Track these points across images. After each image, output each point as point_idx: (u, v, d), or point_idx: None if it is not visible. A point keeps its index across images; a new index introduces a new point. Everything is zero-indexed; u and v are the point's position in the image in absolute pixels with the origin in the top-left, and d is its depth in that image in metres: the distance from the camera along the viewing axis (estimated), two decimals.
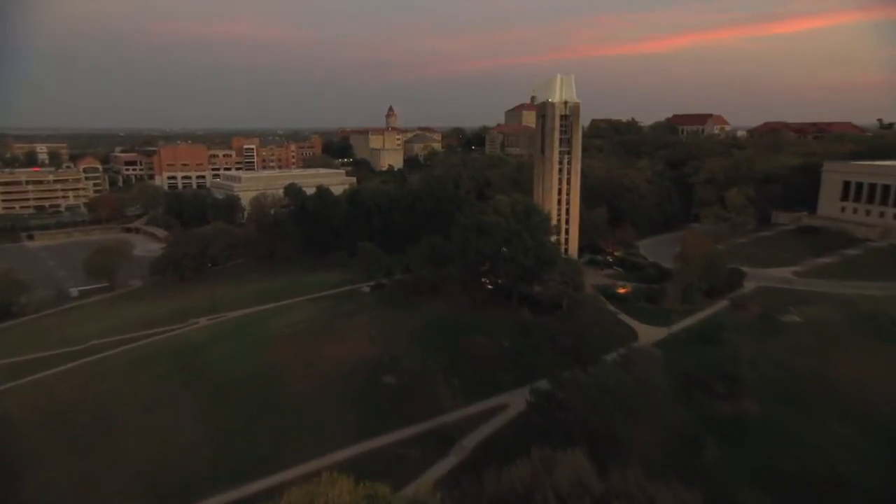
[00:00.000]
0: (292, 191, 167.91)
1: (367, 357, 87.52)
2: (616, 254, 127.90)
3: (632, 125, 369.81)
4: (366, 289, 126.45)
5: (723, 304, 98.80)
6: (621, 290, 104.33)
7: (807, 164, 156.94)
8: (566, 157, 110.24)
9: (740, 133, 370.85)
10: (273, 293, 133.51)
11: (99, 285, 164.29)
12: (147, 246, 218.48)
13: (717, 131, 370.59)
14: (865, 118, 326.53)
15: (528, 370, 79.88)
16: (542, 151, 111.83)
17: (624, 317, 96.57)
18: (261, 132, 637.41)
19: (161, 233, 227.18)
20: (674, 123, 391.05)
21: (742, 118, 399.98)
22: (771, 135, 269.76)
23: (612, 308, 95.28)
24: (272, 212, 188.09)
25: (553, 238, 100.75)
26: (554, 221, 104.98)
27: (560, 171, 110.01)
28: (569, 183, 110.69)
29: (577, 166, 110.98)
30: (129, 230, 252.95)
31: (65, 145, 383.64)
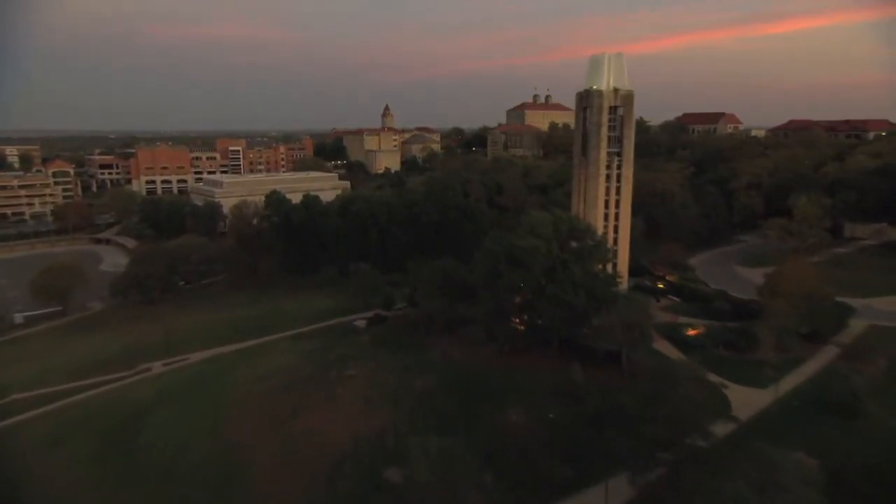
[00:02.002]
0: (274, 200, 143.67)
1: (362, 434, 63.83)
2: (668, 278, 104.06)
3: (641, 124, 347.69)
4: (360, 322, 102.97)
5: (830, 351, 75.57)
6: (691, 332, 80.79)
7: (887, 166, 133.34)
8: (616, 159, 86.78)
9: (754, 132, 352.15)
10: (248, 325, 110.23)
11: (50, 310, 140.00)
12: (116, 259, 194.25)
13: (730, 130, 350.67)
14: (871, 117, 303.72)
15: (591, 460, 56.68)
16: (584, 153, 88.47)
17: (698, 369, 72.88)
18: (257, 133, 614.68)
19: (133, 244, 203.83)
20: (684, 122, 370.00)
21: (743, 117, 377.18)
22: (802, 133, 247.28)
23: (693, 365, 70.28)
24: (254, 222, 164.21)
25: (606, 265, 77.37)
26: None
27: (608, 177, 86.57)
28: (618, 193, 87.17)
29: (628, 171, 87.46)
30: (98, 241, 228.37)
31: (37, 148, 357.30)
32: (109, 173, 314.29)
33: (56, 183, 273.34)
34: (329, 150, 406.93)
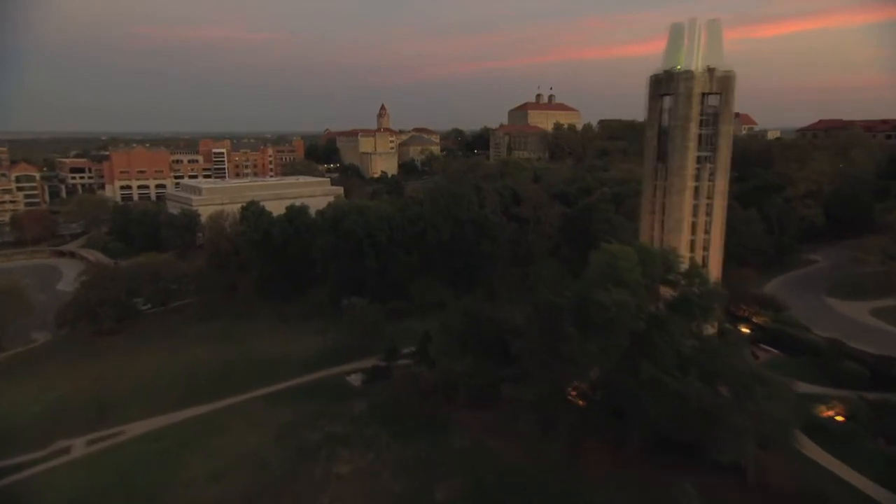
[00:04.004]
0: (250, 213, 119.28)
1: None
2: (756, 320, 79.69)
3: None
4: (355, 377, 79.12)
5: None
6: (827, 413, 56.91)
7: None
8: (707, 167, 62.89)
9: (770, 133, 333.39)
10: (212, 376, 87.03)
11: None
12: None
13: (744, 131, 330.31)
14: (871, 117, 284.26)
15: None
16: (660, 158, 64.59)
17: (857, 479, 49.35)
18: (252, 135, 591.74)
19: (101, 258, 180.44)
20: None
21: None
22: (841, 134, 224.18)
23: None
24: (234, 236, 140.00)
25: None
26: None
27: (696, 191, 62.72)
28: (708, 214, 63.13)
29: (723, 184, 63.20)
30: (62, 254, 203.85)
31: (5, 150, 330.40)
32: (81, 178, 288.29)
33: (19, 188, 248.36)
34: (321, 153, 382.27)
